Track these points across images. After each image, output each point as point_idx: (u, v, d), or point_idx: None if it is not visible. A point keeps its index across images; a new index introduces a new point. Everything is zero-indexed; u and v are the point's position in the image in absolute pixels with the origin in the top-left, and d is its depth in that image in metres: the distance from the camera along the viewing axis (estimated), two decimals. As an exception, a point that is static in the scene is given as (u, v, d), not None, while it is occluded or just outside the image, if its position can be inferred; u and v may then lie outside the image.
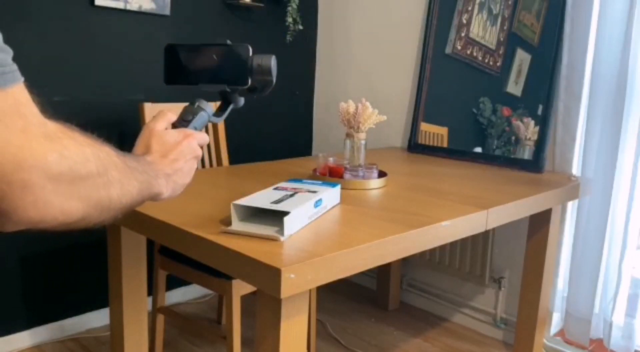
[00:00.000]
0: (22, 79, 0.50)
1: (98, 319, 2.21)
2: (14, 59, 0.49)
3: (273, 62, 0.94)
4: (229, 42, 0.94)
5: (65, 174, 0.50)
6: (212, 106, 0.92)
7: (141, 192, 0.65)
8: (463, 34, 2.22)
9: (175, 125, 0.86)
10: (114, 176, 0.57)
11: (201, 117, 0.89)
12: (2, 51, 0.48)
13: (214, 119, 0.96)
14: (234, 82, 0.93)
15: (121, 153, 0.62)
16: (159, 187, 0.71)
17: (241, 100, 1.00)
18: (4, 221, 0.48)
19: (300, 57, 2.78)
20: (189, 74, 0.96)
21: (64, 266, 2.10)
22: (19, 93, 0.48)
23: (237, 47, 0.94)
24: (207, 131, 2.14)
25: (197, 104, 0.91)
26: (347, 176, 1.54)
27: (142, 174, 0.66)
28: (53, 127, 0.51)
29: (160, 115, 0.84)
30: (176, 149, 0.79)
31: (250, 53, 0.93)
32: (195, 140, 0.83)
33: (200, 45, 0.96)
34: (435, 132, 2.28)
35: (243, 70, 0.92)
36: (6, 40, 0.49)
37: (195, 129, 0.87)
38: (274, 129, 2.72)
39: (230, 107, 1.00)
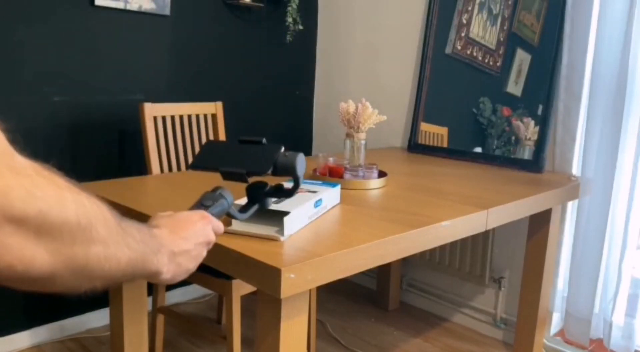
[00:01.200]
0: None
1: (98, 319, 2.21)
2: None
3: (300, 159, 0.92)
4: (264, 140, 0.93)
5: (33, 217, 0.41)
6: (233, 197, 0.86)
7: (132, 263, 0.54)
8: (463, 34, 2.22)
9: (192, 209, 0.80)
10: (99, 232, 0.48)
11: (221, 205, 0.83)
12: None
13: (235, 214, 0.90)
14: (253, 168, 0.89)
15: (118, 214, 0.53)
16: (157, 264, 0.60)
17: (269, 202, 0.97)
18: None
19: (300, 57, 2.78)
20: (214, 160, 0.94)
21: (64, 266, 2.10)
22: None
23: (269, 144, 0.92)
24: (206, 130, 2.14)
25: (218, 191, 0.85)
26: (347, 176, 1.54)
27: (139, 244, 0.56)
28: (23, 162, 0.42)
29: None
30: (189, 229, 0.69)
31: (281, 150, 0.92)
32: (210, 224, 0.74)
33: (237, 140, 0.95)
34: (435, 132, 2.28)
35: (267, 160, 0.90)
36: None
37: (212, 216, 0.80)
38: (274, 129, 2.72)
39: (255, 207, 0.95)
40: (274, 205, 1.09)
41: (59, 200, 0.43)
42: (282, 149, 0.92)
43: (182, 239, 0.67)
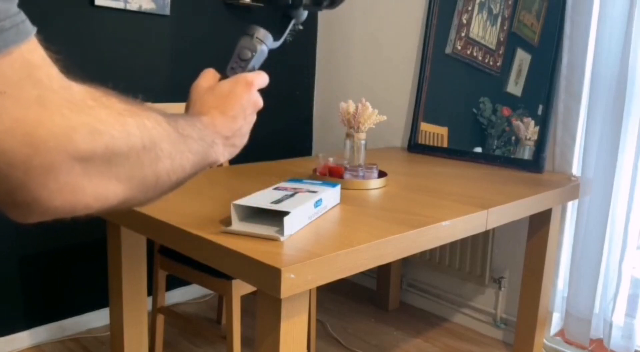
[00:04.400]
0: (33, 31, 0.39)
1: (98, 319, 2.21)
2: (20, 5, 0.37)
3: None
4: None
5: (100, 153, 0.40)
6: (270, 35, 0.74)
7: (195, 165, 0.54)
8: (463, 34, 2.22)
9: (232, 68, 0.71)
10: (164, 149, 0.47)
11: (261, 53, 0.73)
12: None
13: (273, 45, 0.77)
14: None
15: (172, 117, 0.51)
16: (215, 155, 0.60)
17: (304, 14, 0.81)
18: (25, 212, 0.39)
19: (300, 57, 2.78)
20: None
21: (64, 266, 2.10)
22: (30, 52, 0.38)
23: None
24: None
25: (255, 35, 0.72)
26: (347, 175, 1.54)
27: (198, 142, 0.55)
28: (81, 92, 0.41)
29: (205, 73, 0.70)
30: (236, 104, 0.64)
31: None
32: (255, 88, 0.68)
33: None
34: (435, 132, 2.28)
35: None
36: None
37: (254, 69, 0.71)
38: (274, 129, 2.72)
39: (292, 23, 0.81)
40: (274, 205, 1.09)
41: (123, 129, 0.42)
42: None
43: (231, 119, 0.63)
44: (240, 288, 1.60)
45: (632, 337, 1.84)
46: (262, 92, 0.68)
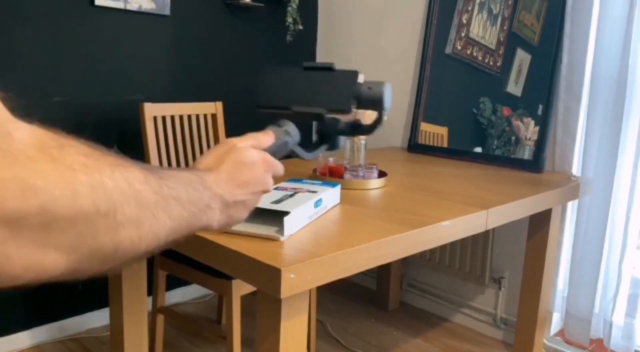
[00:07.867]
0: None
1: (98, 319, 2.21)
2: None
3: (387, 90, 0.77)
4: (334, 66, 0.79)
5: (33, 215, 0.33)
6: (299, 133, 0.75)
7: (174, 231, 0.47)
8: (463, 34, 2.22)
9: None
10: (128, 214, 0.40)
11: (284, 144, 0.72)
12: None
13: (301, 152, 0.78)
14: (333, 105, 0.75)
15: (159, 174, 0.45)
16: (207, 221, 0.53)
17: (340, 141, 0.82)
18: None
19: (300, 57, 2.78)
20: (281, 96, 0.78)
21: (64, 266, 2.10)
22: None
23: (342, 70, 0.78)
24: (206, 130, 2.14)
25: (283, 127, 0.73)
26: (347, 176, 1.54)
27: (184, 206, 0.48)
28: (25, 140, 0.34)
29: (251, 137, 0.66)
30: (249, 175, 0.60)
31: (361, 79, 0.78)
32: (272, 171, 0.65)
33: (302, 68, 0.80)
34: (435, 132, 2.28)
35: (346, 94, 0.76)
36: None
37: (274, 155, 0.70)
38: (274, 129, 2.71)
39: (324, 147, 0.82)
40: (274, 205, 1.09)
41: (68, 187, 0.35)
42: (362, 79, 0.77)
43: (239, 187, 0.59)
44: (240, 288, 1.60)
45: (632, 337, 1.84)
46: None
